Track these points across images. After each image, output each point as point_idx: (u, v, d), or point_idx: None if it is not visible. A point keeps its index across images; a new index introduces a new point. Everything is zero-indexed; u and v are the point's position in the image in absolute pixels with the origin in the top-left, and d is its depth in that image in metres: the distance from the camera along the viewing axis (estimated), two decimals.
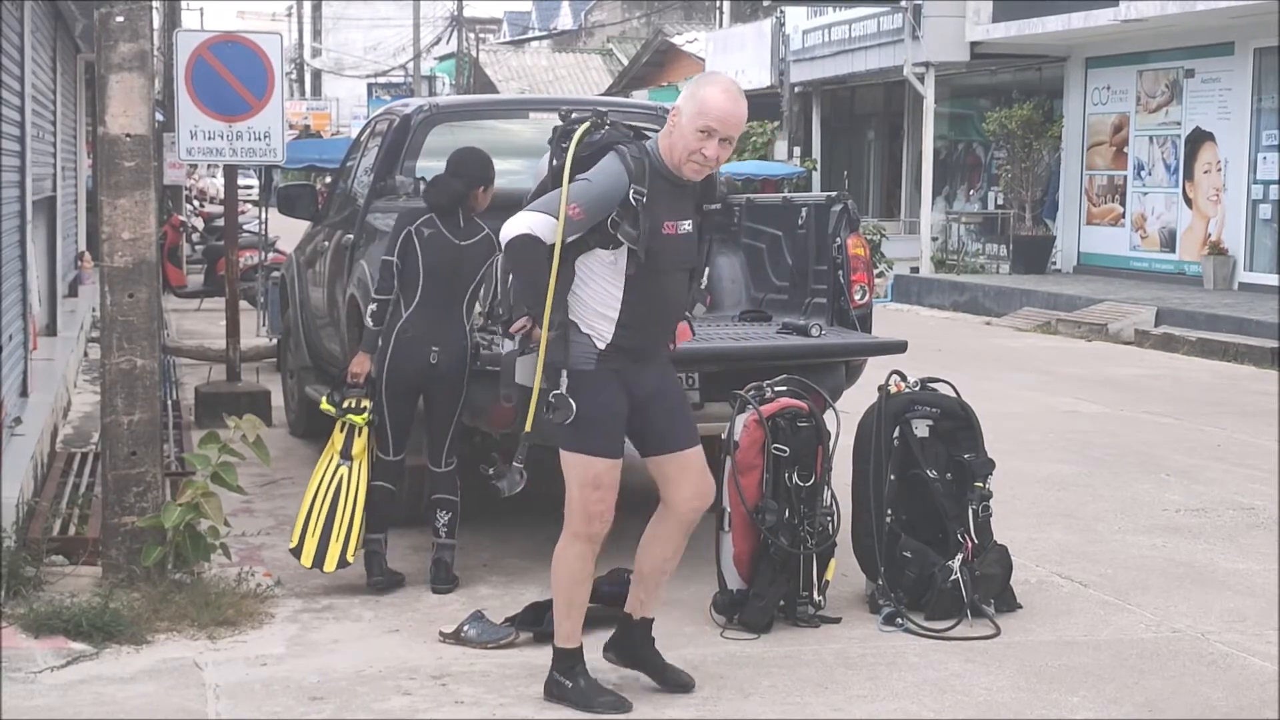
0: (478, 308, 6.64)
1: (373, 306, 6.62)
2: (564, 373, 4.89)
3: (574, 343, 4.90)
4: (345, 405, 6.57)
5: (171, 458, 8.44)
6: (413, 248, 6.54)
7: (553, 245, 4.79)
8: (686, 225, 4.96)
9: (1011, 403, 11.90)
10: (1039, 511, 8.15)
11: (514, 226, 4.84)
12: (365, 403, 6.55)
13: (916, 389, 6.42)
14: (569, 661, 5.10)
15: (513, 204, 8.40)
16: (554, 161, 4.95)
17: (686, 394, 5.33)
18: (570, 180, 4.82)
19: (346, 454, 6.54)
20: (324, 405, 6.71)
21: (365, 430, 6.54)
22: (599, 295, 4.89)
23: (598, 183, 4.81)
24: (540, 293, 4.82)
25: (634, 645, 5.30)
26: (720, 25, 35.38)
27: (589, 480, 4.96)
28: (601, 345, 4.89)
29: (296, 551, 6.41)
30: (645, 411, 5.03)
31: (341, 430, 6.58)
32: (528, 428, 4.94)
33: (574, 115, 5.02)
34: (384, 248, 6.72)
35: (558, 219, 4.76)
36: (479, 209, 6.69)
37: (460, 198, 6.62)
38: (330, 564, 6.38)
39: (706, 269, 5.20)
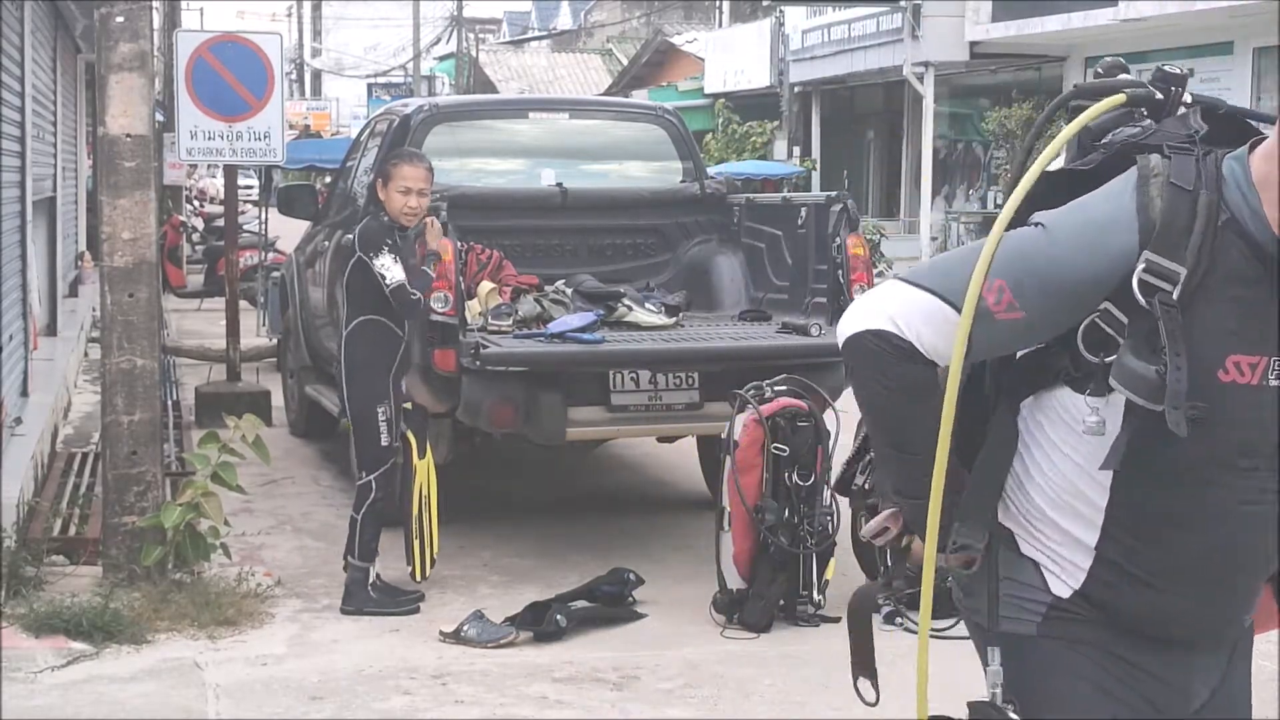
0: None
1: None
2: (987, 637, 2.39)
3: (1006, 579, 2.35)
4: None
5: (171, 458, 8.44)
6: None
7: (944, 367, 2.25)
8: None
9: None
10: None
11: (857, 314, 2.32)
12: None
13: None
14: None
15: (510, 205, 8.56)
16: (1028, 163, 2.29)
17: None
18: (1017, 220, 2.24)
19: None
20: None
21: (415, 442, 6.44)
22: (1061, 483, 2.29)
23: (1067, 240, 2.18)
24: (913, 463, 2.29)
25: None
26: (720, 25, 35.42)
27: None
28: (1061, 589, 2.31)
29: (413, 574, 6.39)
30: None
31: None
32: None
33: (1108, 73, 2.37)
34: None
35: (961, 307, 2.20)
36: (393, 209, 6.18)
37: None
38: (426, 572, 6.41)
39: None
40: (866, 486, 2.52)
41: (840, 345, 2.33)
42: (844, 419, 6.29)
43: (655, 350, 6.98)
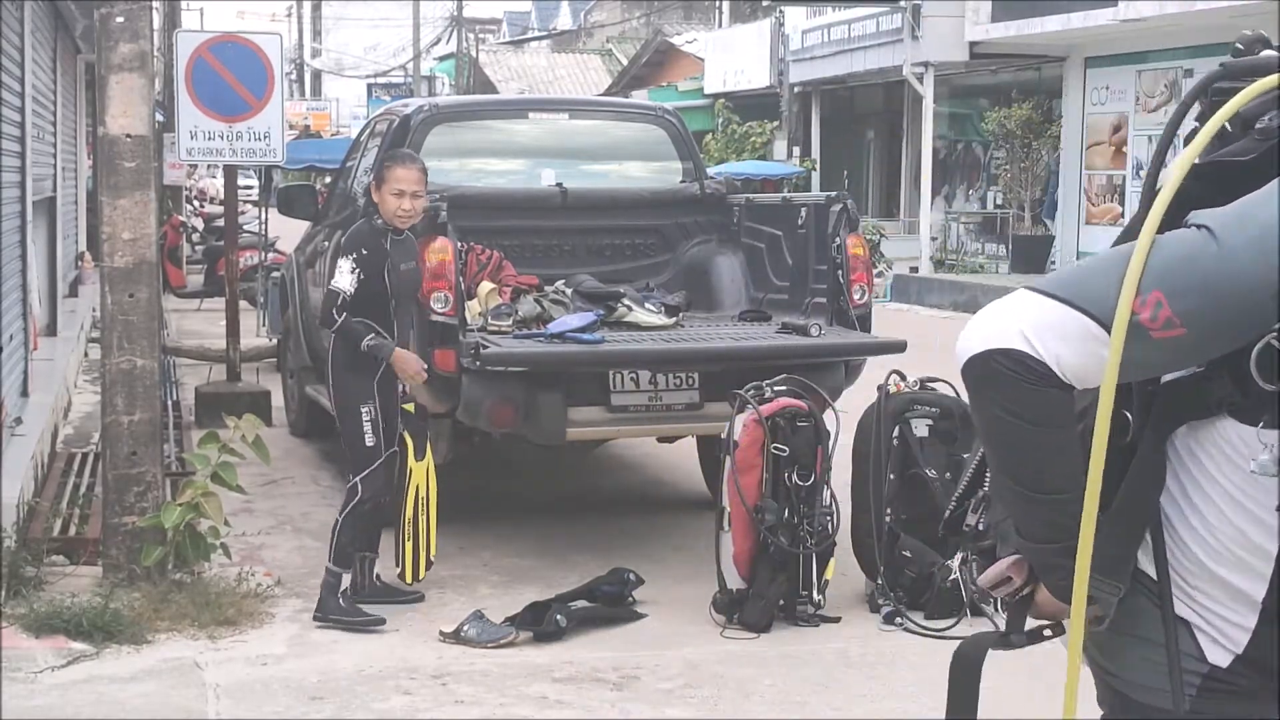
0: None
1: None
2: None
3: (1153, 643, 2.04)
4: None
5: (171, 458, 8.44)
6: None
7: (1086, 391, 1.93)
8: None
9: None
10: None
11: (981, 330, 1.95)
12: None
13: (916, 388, 6.43)
14: None
15: (510, 205, 8.57)
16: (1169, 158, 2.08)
17: None
18: (1168, 222, 1.89)
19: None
20: None
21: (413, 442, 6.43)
22: (1229, 531, 1.94)
23: (1239, 245, 1.82)
24: (1044, 504, 1.99)
25: None
26: (720, 25, 35.42)
27: None
28: (1219, 657, 1.98)
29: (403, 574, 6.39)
30: None
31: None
32: None
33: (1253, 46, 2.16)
34: None
35: (1105, 321, 1.86)
36: (387, 212, 6.10)
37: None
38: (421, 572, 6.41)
39: None
40: (980, 527, 2.19)
41: (961, 366, 1.94)
42: (844, 419, 6.30)
43: (655, 350, 6.98)
